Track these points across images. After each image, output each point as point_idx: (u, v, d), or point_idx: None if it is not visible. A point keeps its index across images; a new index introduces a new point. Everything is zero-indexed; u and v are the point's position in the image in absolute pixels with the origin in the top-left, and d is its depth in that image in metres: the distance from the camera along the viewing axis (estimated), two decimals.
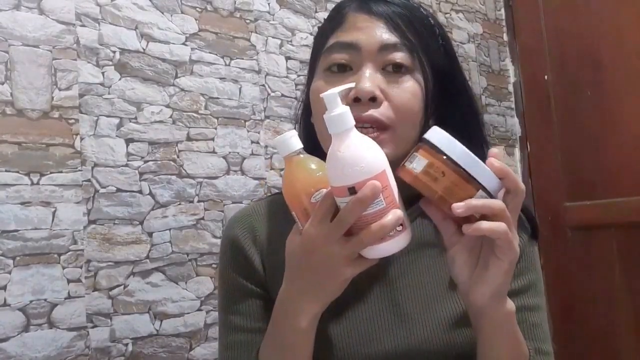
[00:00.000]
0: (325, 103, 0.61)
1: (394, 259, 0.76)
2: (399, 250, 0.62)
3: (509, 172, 0.60)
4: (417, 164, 0.62)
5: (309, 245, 0.61)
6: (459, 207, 0.58)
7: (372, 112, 0.70)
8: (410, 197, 0.67)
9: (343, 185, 0.59)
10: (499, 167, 0.59)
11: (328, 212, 0.60)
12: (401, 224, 0.61)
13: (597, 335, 1.97)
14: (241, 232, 0.81)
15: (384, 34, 0.73)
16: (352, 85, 0.69)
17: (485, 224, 0.59)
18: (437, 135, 0.61)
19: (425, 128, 0.71)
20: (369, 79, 0.71)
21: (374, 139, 0.64)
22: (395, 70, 0.73)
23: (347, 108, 0.60)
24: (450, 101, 0.77)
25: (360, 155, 0.59)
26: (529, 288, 0.78)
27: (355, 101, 0.70)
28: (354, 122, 0.60)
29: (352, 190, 0.58)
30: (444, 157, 0.60)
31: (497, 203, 0.60)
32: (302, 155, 0.65)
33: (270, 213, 0.83)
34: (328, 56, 0.75)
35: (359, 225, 0.60)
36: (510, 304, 0.66)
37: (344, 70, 0.74)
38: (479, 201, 0.59)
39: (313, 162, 0.65)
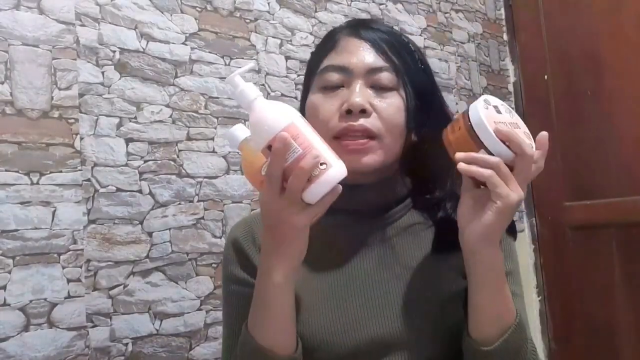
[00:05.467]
0: (230, 86, 0.69)
1: (388, 238, 0.84)
2: (334, 185, 0.66)
3: (514, 137, 0.68)
4: (454, 120, 0.74)
5: (263, 209, 0.71)
6: (459, 158, 0.70)
7: (363, 122, 0.79)
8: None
9: (263, 147, 0.66)
10: (503, 132, 0.69)
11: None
12: (324, 163, 0.65)
13: (597, 334, 1.97)
14: (241, 234, 0.88)
15: (371, 58, 0.83)
16: (253, 64, 0.78)
17: (473, 167, 0.69)
18: (479, 100, 0.71)
19: (407, 141, 0.83)
20: (360, 94, 0.80)
21: (363, 145, 0.78)
22: (382, 89, 0.83)
23: (249, 84, 0.69)
24: (429, 117, 0.85)
25: (264, 116, 0.66)
26: (507, 275, 0.84)
27: (348, 113, 0.79)
28: (258, 94, 0.68)
29: (270, 149, 0.65)
30: (466, 115, 0.70)
31: (492, 158, 0.69)
32: (249, 141, 0.76)
33: None
34: (322, 76, 0.84)
35: (289, 176, 0.65)
36: (500, 253, 0.74)
37: (337, 88, 0.83)
38: (477, 155, 0.70)
39: None
